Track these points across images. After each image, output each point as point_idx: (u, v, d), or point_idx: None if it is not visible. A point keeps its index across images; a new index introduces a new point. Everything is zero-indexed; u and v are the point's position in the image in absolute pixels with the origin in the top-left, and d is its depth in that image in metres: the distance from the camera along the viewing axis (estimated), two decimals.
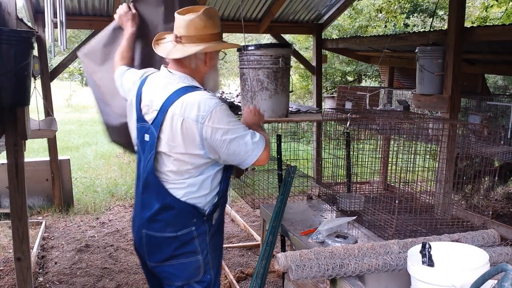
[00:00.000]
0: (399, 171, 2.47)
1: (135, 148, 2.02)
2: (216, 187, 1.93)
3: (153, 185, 1.90)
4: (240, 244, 4.40)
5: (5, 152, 2.67)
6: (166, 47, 1.92)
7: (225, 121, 1.80)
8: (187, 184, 1.87)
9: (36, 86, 4.00)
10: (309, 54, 8.30)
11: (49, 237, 4.63)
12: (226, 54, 2.10)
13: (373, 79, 11.32)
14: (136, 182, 2.02)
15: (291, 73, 3.39)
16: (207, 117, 1.77)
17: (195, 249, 1.93)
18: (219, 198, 1.96)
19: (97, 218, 5.22)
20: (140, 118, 1.92)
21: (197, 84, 1.90)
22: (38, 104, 4.19)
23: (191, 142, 1.80)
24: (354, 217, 2.30)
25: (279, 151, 2.90)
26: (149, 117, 1.88)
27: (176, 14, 1.89)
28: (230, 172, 2.02)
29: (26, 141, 2.83)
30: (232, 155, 1.83)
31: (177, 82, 1.87)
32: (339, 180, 2.81)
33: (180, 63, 1.90)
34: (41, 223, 4.80)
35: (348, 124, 2.46)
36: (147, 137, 1.89)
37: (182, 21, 1.86)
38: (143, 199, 1.96)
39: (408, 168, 2.43)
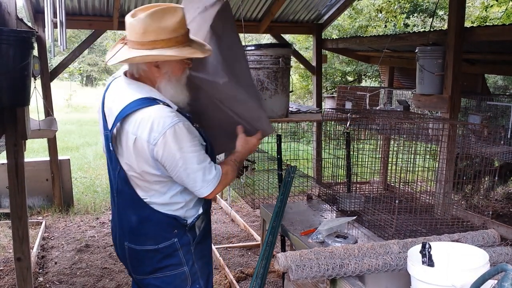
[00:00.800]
0: (399, 171, 2.47)
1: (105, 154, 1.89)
2: (193, 198, 1.84)
3: (128, 196, 1.79)
4: (240, 244, 4.40)
5: (5, 152, 2.67)
6: (116, 49, 1.72)
7: (177, 146, 1.64)
8: (161, 194, 1.78)
9: (36, 86, 4.00)
10: (309, 54, 8.30)
11: (49, 237, 4.63)
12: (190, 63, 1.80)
13: (373, 79, 11.32)
14: (111, 190, 1.91)
15: (291, 73, 3.39)
16: (159, 139, 1.62)
17: (180, 261, 1.85)
18: (203, 208, 1.89)
19: (97, 218, 5.22)
20: (105, 127, 1.79)
21: (156, 96, 1.71)
22: (38, 104, 4.19)
23: (145, 162, 1.69)
24: (354, 217, 2.30)
25: (279, 151, 2.90)
26: (109, 125, 1.75)
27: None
28: None
29: (26, 141, 2.83)
30: (182, 183, 1.74)
31: (133, 92, 1.70)
32: (339, 180, 2.81)
33: (130, 71, 1.77)
34: (41, 223, 4.80)
35: (348, 124, 2.46)
36: (111, 147, 1.76)
37: (126, 22, 1.68)
38: (119, 209, 1.87)
39: (408, 168, 2.43)
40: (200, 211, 1.88)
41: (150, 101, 1.68)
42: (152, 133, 1.62)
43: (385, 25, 11.10)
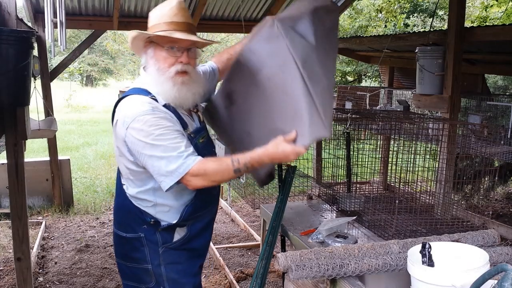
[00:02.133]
0: (399, 171, 2.47)
1: None
2: (169, 203, 1.81)
3: (117, 181, 1.93)
4: (240, 244, 4.40)
5: (5, 152, 2.67)
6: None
7: (144, 132, 1.64)
8: (131, 188, 1.84)
9: (36, 86, 4.00)
10: None
11: (49, 237, 4.63)
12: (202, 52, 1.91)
13: (373, 79, 11.32)
14: None
15: None
16: (130, 123, 1.66)
17: (144, 257, 1.87)
18: (179, 220, 1.83)
19: (97, 218, 5.22)
20: None
21: (148, 88, 1.76)
22: (38, 104, 4.20)
23: (122, 146, 1.75)
24: (354, 217, 2.30)
25: None
26: None
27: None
28: (199, 197, 1.84)
29: (26, 141, 2.83)
30: (151, 173, 1.71)
31: (137, 80, 1.85)
32: (339, 180, 2.81)
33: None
34: (41, 223, 4.80)
35: (348, 124, 2.46)
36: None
37: None
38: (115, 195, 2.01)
39: (408, 168, 2.43)
40: (175, 220, 1.83)
41: (139, 91, 1.76)
42: (126, 118, 1.69)
43: (385, 25, 11.10)
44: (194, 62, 1.82)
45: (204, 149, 1.86)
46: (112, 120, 1.81)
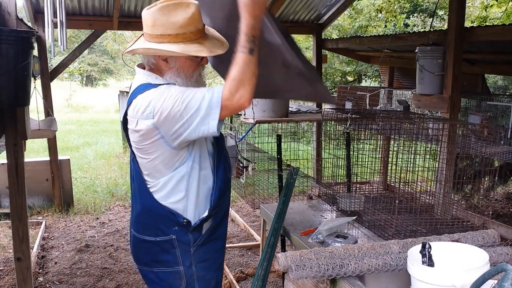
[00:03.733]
0: (399, 171, 2.47)
1: None
2: (199, 192, 1.80)
3: (138, 184, 1.85)
4: (240, 244, 4.40)
5: (5, 152, 2.67)
6: (136, 40, 1.77)
7: (171, 103, 1.61)
8: (161, 184, 1.78)
9: (36, 86, 4.00)
10: (309, 54, 8.29)
11: (49, 237, 4.63)
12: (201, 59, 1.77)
13: (373, 79, 11.32)
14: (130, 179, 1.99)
15: None
16: (155, 108, 1.63)
17: (175, 259, 1.83)
18: (210, 209, 1.83)
19: (97, 218, 5.22)
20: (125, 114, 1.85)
21: (160, 81, 1.73)
22: (38, 104, 4.20)
23: (149, 138, 1.70)
24: (354, 217, 2.30)
25: (279, 151, 2.90)
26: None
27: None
28: (221, 181, 1.85)
29: (26, 141, 2.83)
30: (193, 130, 1.64)
31: (140, 80, 1.77)
32: (339, 180, 2.81)
33: (144, 63, 1.82)
34: (41, 223, 4.80)
35: (348, 124, 2.46)
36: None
37: (142, 14, 1.71)
38: (133, 198, 1.93)
39: (408, 168, 2.43)
40: (206, 213, 1.83)
41: (151, 86, 1.70)
42: (148, 108, 1.64)
43: (385, 25, 11.10)
44: (207, 60, 1.83)
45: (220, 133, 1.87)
46: (125, 123, 1.76)
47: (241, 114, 3.43)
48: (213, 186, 1.84)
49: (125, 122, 1.79)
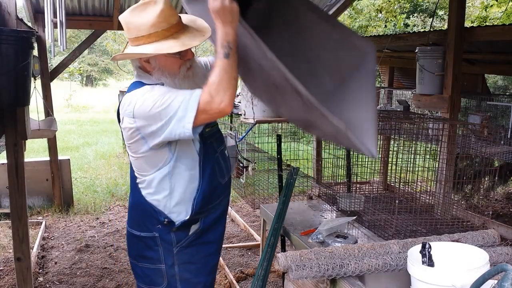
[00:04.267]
0: (399, 171, 2.47)
1: None
2: (182, 193, 1.79)
3: (131, 179, 1.91)
4: (240, 244, 4.40)
5: (5, 152, 2.67)
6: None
7: (151, 104, 1.62)
8: (147, 181, 1.81)
9: (36, 86, 4.00)
10: None
11: (49, 237, 4.63)
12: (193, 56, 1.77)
13: None
14: None
15: None
16: (135, 107, 1.65)
17: (158, 257, 1.86)
18: (192, 214, 1.81)
19: (97, 218, 5.22)
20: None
21: (151, 81, 1.74)
22: (38, 104, 4.19)
23: (132, 137, 1.73)
24: (354, 217, 2.30)
25: (279, 151, 2.90)
26: None
27: None
28: (206, 185, 1.83)
29: (26, 141, 2.83)
30: (171, 127, 1.63)
31: (134, 79, 1.81)
32: (339, 180, 2.81)
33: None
34: (41, 223, 4.80)
35: None
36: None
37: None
38: (130, 193, 1.98)
39: (408, 168, 2.43)
40: (187, 216, 1.81)
41: (141, 84, 1.73)
42: (129, 107, 1.67)
43: (385, 25, 11.10)
44: (192, 53, 1.78)
45: (211, 137, 1.89)
46: (119, 120, 1.80)
47: (241, 114, 3.43)
48: (197, 189, 1.83)
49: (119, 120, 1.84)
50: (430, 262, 1.41)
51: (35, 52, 4.61)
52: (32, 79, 3.37)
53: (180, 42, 1.65)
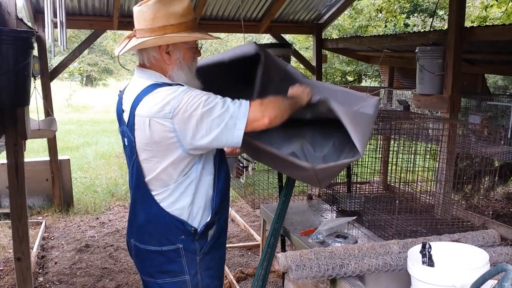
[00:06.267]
0: (399, 171, 2.47)
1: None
2: (203, 197, 1.77)
3: (141, 193, 1.77)
4: (240, 244, 4.40)
5: (5, 152, 2.67)
6: (124, 43, 1.73)
7: (195, 105, 1.58)
8: (171, 190, 1.72)
9: (36, 86, 4.00)
10: (309, 54, 8.30)
11: (49, 237, 4.63)
12: (201, 45, 1.83)
13: (373, 79, 11.32)
14: (129, 187, 1.90)
15: None
16: (176, 108, 1.57)
17: (181, 269, 1.78)
18: (212, 215, 1.80)
19: (97, 218, 5.22)
20: (121, 123, 1.78)
21: (167, 81, 1.71)
22: (38, 104, 4.19)
23: (161, 142, 1.64)
24: (354, 217, 2.30)
25: None
26: (125, 119, 1.74)
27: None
28: (222, 185, 1.83)
29: (26, 141, 2.83)
30: (214, 138, 1.61)
31: (145, 80, 1.71)
32: (339, 180, 2.81)
33: (141, 61, 1.76)
34: (41, 223, 4.80)
35: None
36: (126, 141, 1.76)
37: (134, 11, 1.69)
38: (133, 206, 1.85)
39: (408, 168, 2.43)
40: (209, 218, 1.79)
41: (160, 85, 1.67)
42: (166, 107, 1.58)
43: (385, 25, 11.10)
44: (200, 52, 1.85)
45: None
46: (133, 125, 1.68)
47: None
48: (214, 190, 1.80)
49: (122, 122, 1.77)
50: (430, 262, 1.41)
51: (35, 52, 4.61)
52: (32, 79, 3.37)
53: (205, 34, 1.73)
